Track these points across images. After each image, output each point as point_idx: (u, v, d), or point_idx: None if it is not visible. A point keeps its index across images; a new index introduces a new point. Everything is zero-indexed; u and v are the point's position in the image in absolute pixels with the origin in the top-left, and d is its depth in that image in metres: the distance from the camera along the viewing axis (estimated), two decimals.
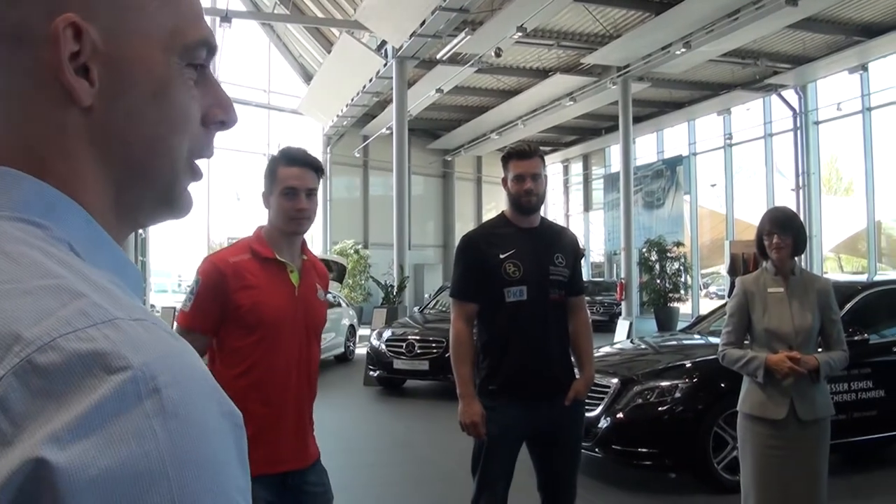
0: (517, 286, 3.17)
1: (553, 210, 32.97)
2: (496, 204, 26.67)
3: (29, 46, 0.56)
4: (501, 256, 3.20)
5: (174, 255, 29.64)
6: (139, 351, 0.47)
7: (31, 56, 0.56)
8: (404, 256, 17.19)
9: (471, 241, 3.33)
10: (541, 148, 3.45)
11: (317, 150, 26.39)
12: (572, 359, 3.38)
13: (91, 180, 0.58)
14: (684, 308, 21.73)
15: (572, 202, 32.71)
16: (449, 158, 29.25)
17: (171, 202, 0.64)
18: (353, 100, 21.73)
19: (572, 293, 3.34)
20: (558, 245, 3.32)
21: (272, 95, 26.14)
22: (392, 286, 16.39)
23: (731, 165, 23.57)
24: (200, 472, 0.46)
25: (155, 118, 0.60)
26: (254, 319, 2.38)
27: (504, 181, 3.32)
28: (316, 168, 2.53)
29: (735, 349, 3.61)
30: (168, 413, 0.46)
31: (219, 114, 0.66)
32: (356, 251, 23.11)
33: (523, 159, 3.25)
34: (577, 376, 3.33)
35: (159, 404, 0.46)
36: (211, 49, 0.64)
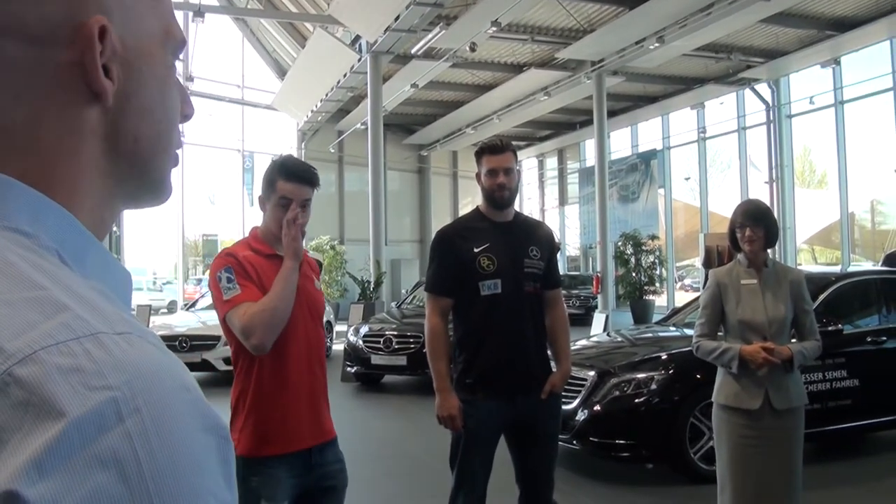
0: (491, 279, 3.19)
1: (528, 204, 33.09)
2: (472, 199, 26.73)
3: (52, 47, 0.56)
4: (475, 250, 3.22)
5: (148, 253, 29.38)
6: (120, 368, 0.46)
7: (52, 56, 0.56)
8: (380, 252, 17.15)
9: (445, 235, 3.35)
10: (516, 143, 3.48)
11: (291, 146, 26.27)
12: (549, 352, 3.39)
13: (94, 178, 0.59)
14: (660, 301, 21.92)
15: (548, 196, 32.86)
16: (424, 153, 29.25)
17: (161, 191, 0.66)
18: (327, 95, 21.63)
19: (548, 286, 3.36)
20: (533, 238, 3.34)
21: (246, 91, 25.97)
22: (369, 282, 16.36)
23: (704, 159, 23.78)
24: (182, 494, 0.46)
25: (160, 115, 0.63)
26: None
27: (478, 176, 3.35)
28: (312, 181, 2.61)
29: (709, 340, 3.64)
30: (150, 433, 0.45)
31: (185, 107, 0.69)
32: (332, 247, 23.04)
33: (495, 154, 3.27)
34: (554, 370, 3.34)
35: (141, 424, 0.45)
36: (182, 47, 0.67)
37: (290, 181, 2.55)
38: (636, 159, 25.37)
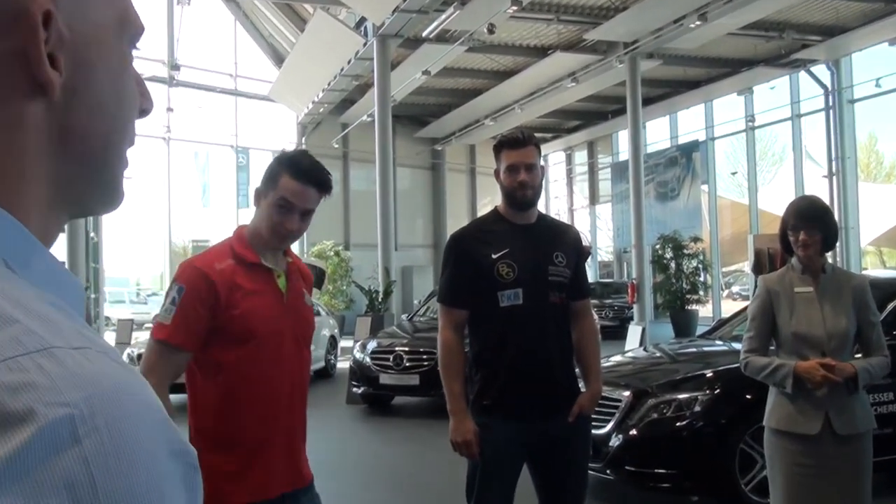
0: (512, 289, 3.19)
1: (555, 204, 33.07)
2: (492, 198, 26.72)
3: None
4: (494, 256, 3.23)
5: (131, 262, 29.61)
6: (78, 385, 0.46)
7: None
8: (390, 258, 17.20)
9: (460, 239, 3.36)
10: (541, 135, 3.50)
11: (291, 141, 26.43)
12: (576, 370, 3.39)
13: (38, 180, 0.58)
14: (704, 311, 21.89)
15: (576, 195, 32.89)
16: (439, 148, 29.35)
17: (113, 195, 0.66)
18: (329, 84, 21.75)
19: (576, 296, 3.36)
20: (558, 243, 3.34)
21: (240, 81, 26.18)
22: (377, 292, 16.40)
23: (753, 151, 23.71)
24: None
25: (113, 110, 0.62)
26: (243, 331, 2.41)
27: (496, 173, 3.36)
28: (322, 187, 2.54)
29: (759, 356, 3.61)
30: (108, 456, 0.45)
31: (143, 101, 0.68)
32: (336, 253, 23.13)
33: (516, 148, 3.27)
34: (583, 389, 3.34)
35: (99, 446, 0.45)
36: (141, 35, 0.67)
37: (296, 179, 2.47)
38: (676, 152, 25.32)
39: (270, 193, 2.49)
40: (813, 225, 3.52)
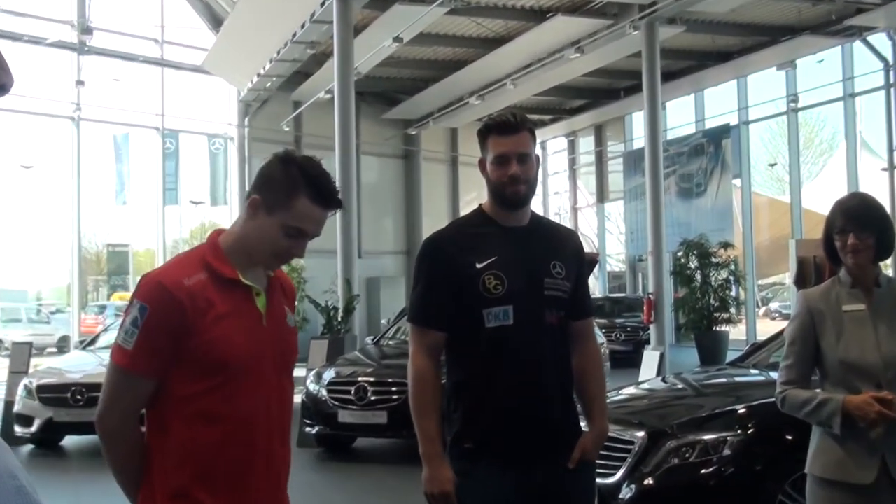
0: (500, 306, 3.21)
1: (555, 201, 33.25)
2: (478, 194, 26.71)
3: None
4: (479, 266, 3.25)
5: (30, 272, 29.40)
6: None
7: None
8: (352, 268, 17.19)
9: (437, 245, 3.38)
10: (538, 117, 3.53)
11: (231, 122, 26.37)
12: (578, 405, 3.41)
13: None
14: (736, 333, 22.03)
15: (581, 190, 33.07)
16: (413, 132, 29.41)
17: None
18: (279, 53, 21.70)
19: (577, 315, 3.40)
20: (556, 249, 3.37)
21: (167, 48, 26.07)
22: (336, 309, 16.39)
23: (797, 138, 23.90)
24: None
25: None
26: (215, 360, 2.46)
27: (482, 164, 3.38)
28: (337, 209, 2.66)
29: (799, 389, 3.62)
30: None
31: (2, 75, 0.67)
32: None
33: (506, 134, 3.29)
34: (586, 429, 3.36)
35: None
36: None
37: (318, 205, 2.55)
38: (702, 139, 25.52)
39: (281, 213, 2.53)
40: (864, 227, 3.53)
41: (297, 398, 11.76)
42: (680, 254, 21.78)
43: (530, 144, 3.33)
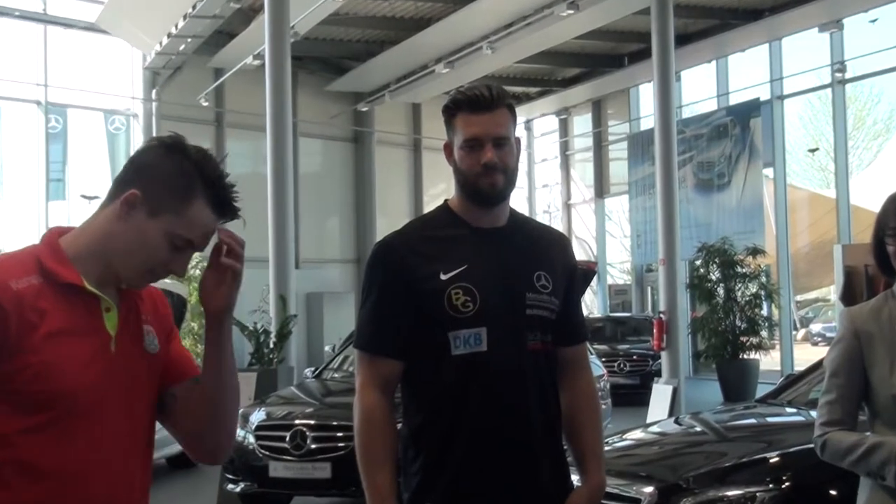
0: (471, 328, 3.22)
1: (543, 196, 33.31)
2: (447, 186, 26.75)
3: None
4: (443, 277, 3.26)
5: None
6: None
7: None
8: (288, 280, 17.17)
9: (391, 250, 3.37)
10: (521, 90, 3.55)
11: (134, 95, 26.21)
12: (569, 453, 3.42)
13: None
14: (768, 361, 22.17)
15: (576, 182, 33.13)
16: (364, 109, 29.41)
17: None
18: (195, 7, 21.59)
19: (568, 340, 3.44)
20: (542, 257, 3.40)
21: (51, 2, 25.85)
22: (267, 332, 16.32)
23: (844, 116, 23.94)
24: None
25: None
26: (41, 391, 2.32)
27: (448, 149, 3.39)
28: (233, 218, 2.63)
29: (843, 432, 3.63)
30: None
31: None
32: (201, 271, 23.00)
33: (479, 112, 3.29)
34: (578, 483, 3.37)
35: None
36: None
37: (215, 210, 2.53)
38: (725, 118, 25.66)
39: (168, 217, 2.48)
40: None
41: (164, 451, 11.68)
42: (698, 262, 21.86)
43: (510, 124, 3.34)
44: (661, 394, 12.73)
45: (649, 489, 5.72)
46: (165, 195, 2.48)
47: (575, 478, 3.44)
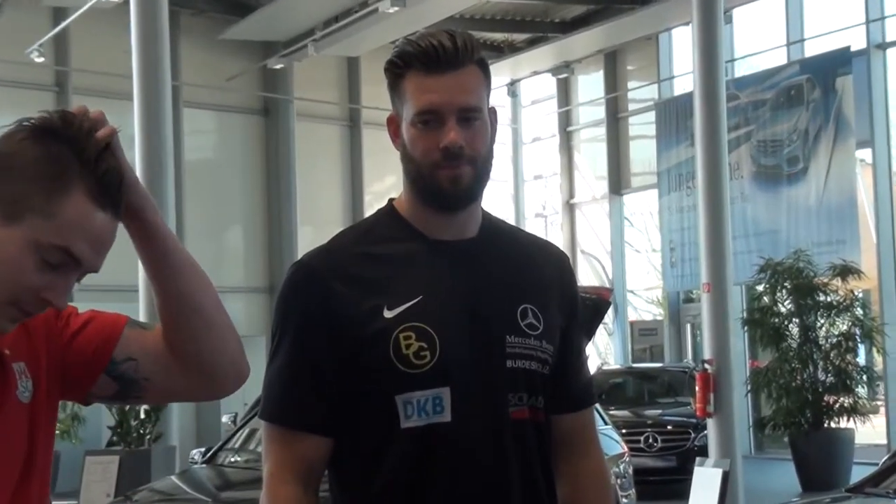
0: (427, 389, 3.20)
1: (534, 192, 33.37)
2: (397, 180, 26.72)
3: None
4: (389, 315, 3.23)
5: None
6: None
7: None
8: None
9: (312, 277, 3.35)
10: (501, 39, 3.55)
11: None
12: None
13: None
14: (867, 432, 22.24)
15: (582, 172, 33.13)
16: (277, 66, 29.52)
17: None
18: None
19: (567, 404, 3.43)
20: (529, 283, 3.39)
21: None
22: None
23: None
24: None
25: None
26: None
27: (392, 125, 3.38)
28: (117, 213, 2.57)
29: None
30: None
31: None
32: None
33: (437, 71, 3.27)
34: None
35: None
36: None
37: (102, 207, 2.50)
38: (799, 76, 25.84)
39: (33, 221, 2.46)
40: None
41: None
42: (760, 288, 21.87)
43: (482, 90, 3.32)
44: (707, 481, 12.70)
45: None
46: (27, 191, 2.46)
47: None
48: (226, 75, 28.63)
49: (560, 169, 33.43)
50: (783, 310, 21.67)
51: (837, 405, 21.12)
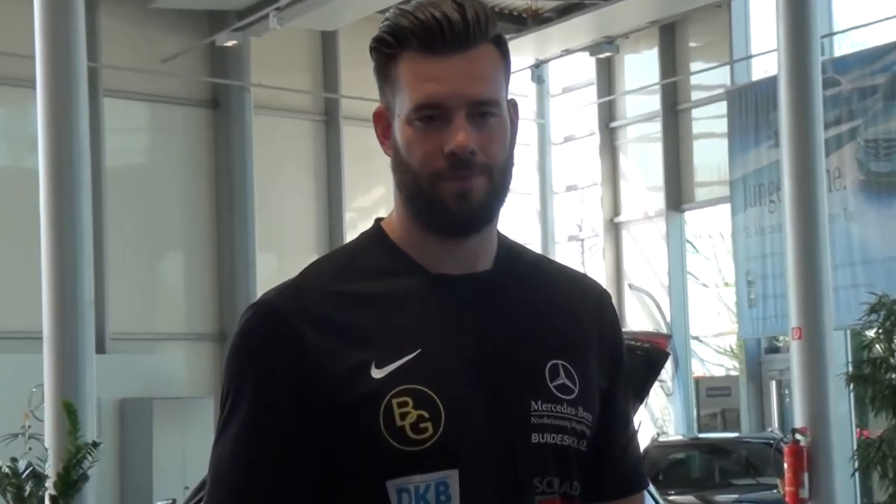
0: (429, 472, 3.15)
1: (567, 208, 33.45)
2: (387, 191, 26.84)
3: None
4: (378, 374, 3.17)
5: None
6: None
7: None
8: (81, 376, 17.13)
9: (276, 323, 3.27)
10: (522, 6, 3.50)
11: None
12: None
13: None
14: None
15: (630, 181, 33.22)
16: (230, 43, 29.79)
17: None
18: None
19: (611, 489, 3.40)
20: (559, 329, 3.35)
21: None
22: (39, 476, 16.28)
23: None
24: None
25: None
26: None
27: (381, 121, 3.35)
28: None
29: None
30: None
31: None
32: None
33: (441, 52, 3.22)
34: None
35: None
36: None
37: None
38: None
39: None
40: None
41: None
42: (871, 333, 21.88)
43: (499, 76, 3.28)
44: None
45: None
46: None
47: None
48: (161, 56, 28.89)
49: (601, 177, 33.46)
50: None
51: None
